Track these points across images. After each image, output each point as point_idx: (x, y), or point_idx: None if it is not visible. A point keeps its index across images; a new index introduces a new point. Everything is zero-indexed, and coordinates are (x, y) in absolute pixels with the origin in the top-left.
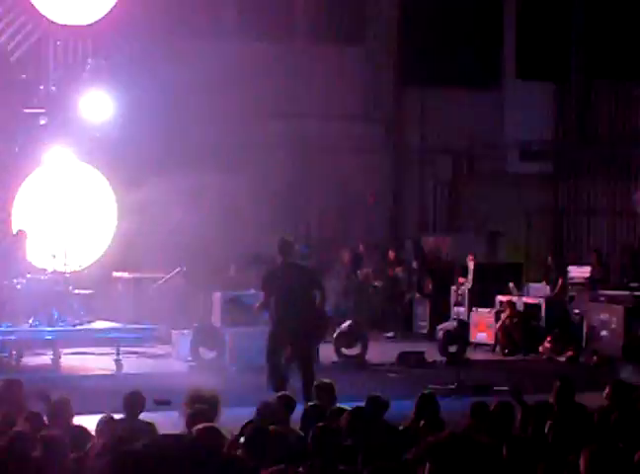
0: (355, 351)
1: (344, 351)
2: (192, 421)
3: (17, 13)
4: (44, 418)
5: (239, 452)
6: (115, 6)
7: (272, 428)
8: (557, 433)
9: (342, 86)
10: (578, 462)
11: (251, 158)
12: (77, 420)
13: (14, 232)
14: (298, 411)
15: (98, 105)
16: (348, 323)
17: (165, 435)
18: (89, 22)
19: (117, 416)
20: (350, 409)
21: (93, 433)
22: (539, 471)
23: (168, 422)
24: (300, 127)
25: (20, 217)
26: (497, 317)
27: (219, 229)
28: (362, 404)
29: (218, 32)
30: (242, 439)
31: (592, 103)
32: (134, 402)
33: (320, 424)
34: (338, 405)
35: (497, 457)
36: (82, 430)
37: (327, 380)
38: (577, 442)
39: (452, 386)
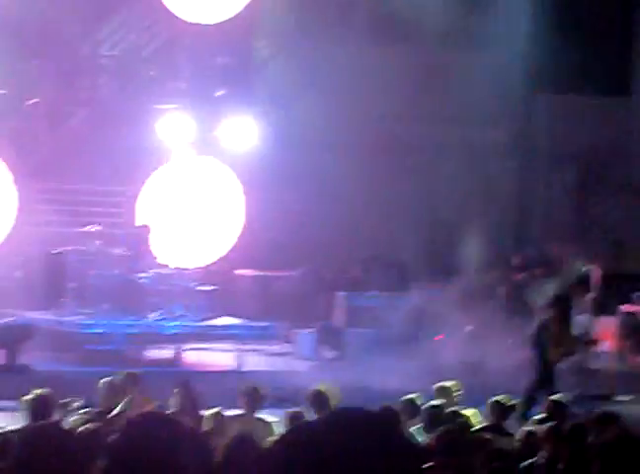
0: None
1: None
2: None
3: (148, 11)
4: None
5: None
6: (245, 6)
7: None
8: None
9: (473, 92)
10: None
11: (383, 161)
12: None
13: (138, 226)
14: None
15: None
16: (469, 328)
17: None
18: (219, 21)
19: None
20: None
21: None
22: None
23: None
24: (433, 132)
25: (145, 211)
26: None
27: (344, 230)
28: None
29: (348, 36)
30: None
31: None
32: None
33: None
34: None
35: None
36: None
37: (447, 383)
38: None
39: (574, 394)
